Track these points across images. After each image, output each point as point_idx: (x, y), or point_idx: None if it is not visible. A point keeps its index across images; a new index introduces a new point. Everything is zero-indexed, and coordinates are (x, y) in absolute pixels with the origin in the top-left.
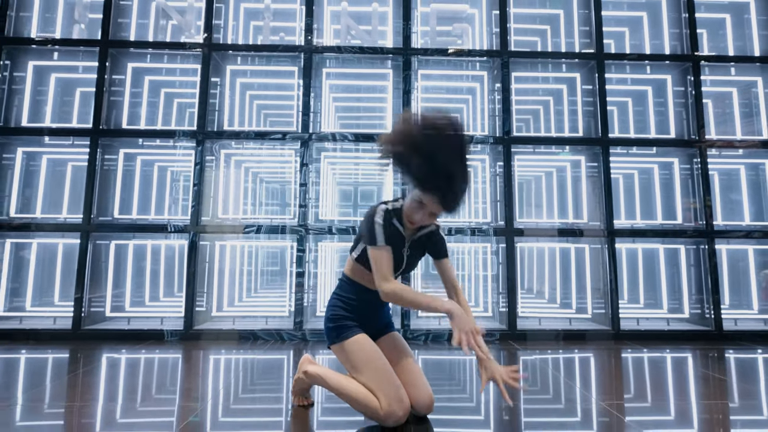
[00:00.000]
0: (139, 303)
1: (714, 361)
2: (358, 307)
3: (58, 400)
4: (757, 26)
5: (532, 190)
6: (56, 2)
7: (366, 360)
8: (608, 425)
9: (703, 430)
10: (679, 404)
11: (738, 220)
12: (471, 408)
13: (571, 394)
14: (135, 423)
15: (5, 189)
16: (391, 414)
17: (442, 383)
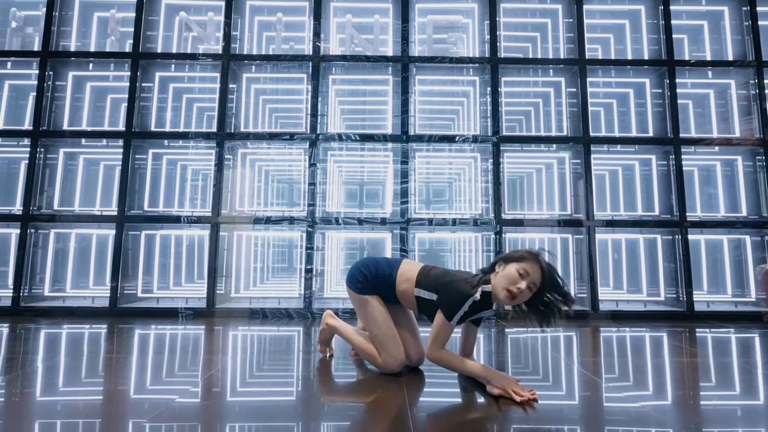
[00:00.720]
0: (165, 287)
1: (683, 335)
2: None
3: (113, 353)
4: (730, 32)
5: (524, 186)
6: (91, 18)
7: (376, 319)
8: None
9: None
10: (653, 365)
11: (715, 211)
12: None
13: (558, 361)
14: (170, 372)
15: (53, 185)
16: (387, 366)
17: None
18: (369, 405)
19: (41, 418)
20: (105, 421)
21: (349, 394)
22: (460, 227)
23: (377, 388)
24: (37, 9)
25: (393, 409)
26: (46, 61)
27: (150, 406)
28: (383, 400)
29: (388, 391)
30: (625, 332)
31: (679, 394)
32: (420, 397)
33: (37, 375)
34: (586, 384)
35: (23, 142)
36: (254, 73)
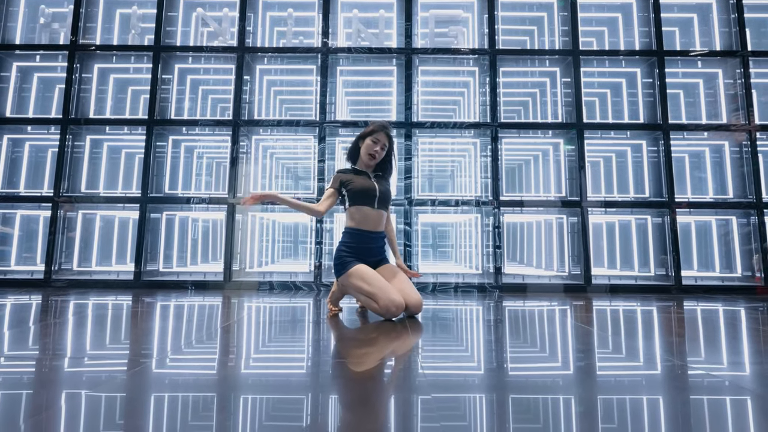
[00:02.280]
0: (183, 263)
1: (671, 307)
2: (356, 248)
3: (144, 317)
4: (718, 24)
5: (522, 171)
6: (114, 14)
7: (363, 277)
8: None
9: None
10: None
11: (704, 194)
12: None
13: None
14: (196, 326)
15: (79, 170)
16: (386, 310)
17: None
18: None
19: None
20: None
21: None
22: (460, 207)
23: (382, 337)
24: (63, 6)
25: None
26: (74, 54)
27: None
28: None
29: (395, 341)
30: (618, 305)
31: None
32: (422, 345)
33: (67, 338)
34: (579, 350)
35: (51, 131)
36: (266, 65)
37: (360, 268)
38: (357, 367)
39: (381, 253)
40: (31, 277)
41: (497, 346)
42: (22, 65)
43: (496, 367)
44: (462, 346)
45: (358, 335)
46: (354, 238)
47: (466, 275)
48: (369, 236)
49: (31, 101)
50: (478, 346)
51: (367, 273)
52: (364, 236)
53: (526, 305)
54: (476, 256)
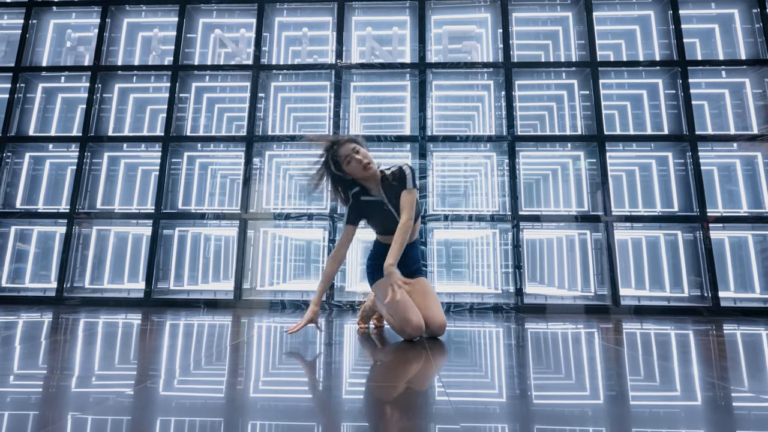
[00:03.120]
0: (195, 280)
1: (709, 331)
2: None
3: (153, 336)
4: (741, 34)
5: (541, 186)
6: (136, 37)
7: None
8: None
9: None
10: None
11: (737, 208)
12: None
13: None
14: (207, 343)
15: (96, 187)
16: (401, 330)
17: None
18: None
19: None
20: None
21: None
22: (476, 222)
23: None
24: (89, 30)
25: (419, 382)
26: (96, 74)
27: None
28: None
29: (413, 362)
30: (649, 327)
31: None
32: (443, 367)
33: (76, 356)
34: (610, 382)
35: (72, 149)
36: (281, 82)
37: (382, 282)
38: (371, 392)
39: (412, 264)
40: (44, 295)
41: (521, 371)
42: (47, 86)
43: (522, 395)
44: (483, 372)
45: (373, 357)
46: (381, 249)
47: (484, 295)
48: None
49: (54, 121)
50: (501, 371)
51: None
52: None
53: (549, 327)
54: (494, 274)
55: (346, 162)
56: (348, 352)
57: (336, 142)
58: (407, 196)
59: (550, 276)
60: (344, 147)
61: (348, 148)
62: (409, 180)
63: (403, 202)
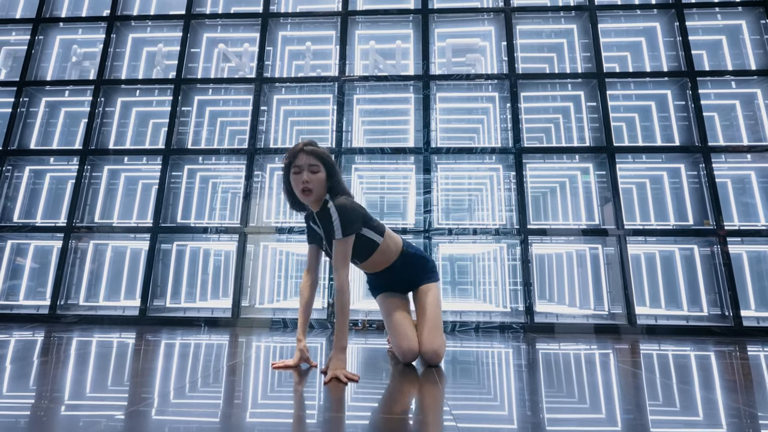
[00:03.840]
0: (192, 298)
1: (732, 353)
2: (375, 280)
3: (147, 356)
4: (750, 45)
5: (548, 199)
6: (141, 53)
7: (384, 315)
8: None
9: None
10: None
11: (754, 221)
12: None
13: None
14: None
15: (95, 201)
16: (398, 357)
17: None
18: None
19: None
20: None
21: None
22: (482, 236)
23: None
24: (94, 46)
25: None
26: (100, 88)
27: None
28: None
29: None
30: (667, 348)
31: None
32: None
33: (66, 378)
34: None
35: (72, 162)
36: (284, 95)
37: (380, 300)
38: (375, 427)
39: (408, 277)
40: (37, 312)
41: (534, 398)
42: (50, 100)
43: (537, 428)
44: (497, 402)
45: (375, 381)
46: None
47: (492, 313)
48: (376, 275)
49: (56, 135)
50: (514, 399)
51: (385, 306)
52: (372, 276)
53: (561, 348)
54: (501, 291)
55: (292, 172)
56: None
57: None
58: (336, 246)
59: (560, 293)
60: (299, 156)
61: (301, 159)
62: (336, 226)
63: (333, 252)
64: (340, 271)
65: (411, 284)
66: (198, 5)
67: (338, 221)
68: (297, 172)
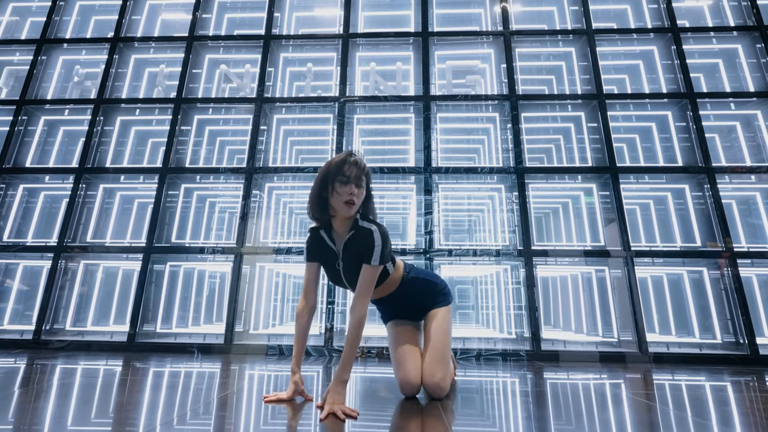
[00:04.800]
0: (184, 323)
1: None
2: (380, 306)
3: (136, 385)
4: (748, 68)
5: (551, 220)
6: (143, 73)
7: (389, 344)
8: None
9: None
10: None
11: (762, 243)
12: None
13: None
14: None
15: (89, 219)
16: (400, 389)
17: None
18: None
19: None
20: None
21: None
22: (484, 258)
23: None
24: (97, 66)
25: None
26: (99, 107)
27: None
28: None
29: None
30: (680, 378)
31: None
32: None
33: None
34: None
35: (68, 180)
36: (284, 114)
37: (388, 328)
38: None
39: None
40: (21, 338)
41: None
42: (49, 119)
43: None
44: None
45: (375, 415)
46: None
47: (495, 340)
48: (380, 302)
49: (53, 153)
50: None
51: (391, 335)
52: (377, 303)
53: (570, 378)
54: (504, 316)
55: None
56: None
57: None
58: (366, 273)
59: (566, 319)
60: (349, 167)
61: (351, 170)
62: (376, 252)
63: (361, 278)
64: (364, 298)
65: (420, 310)
66: (201, 27)
67: (380, 248)
68: (345, 183)
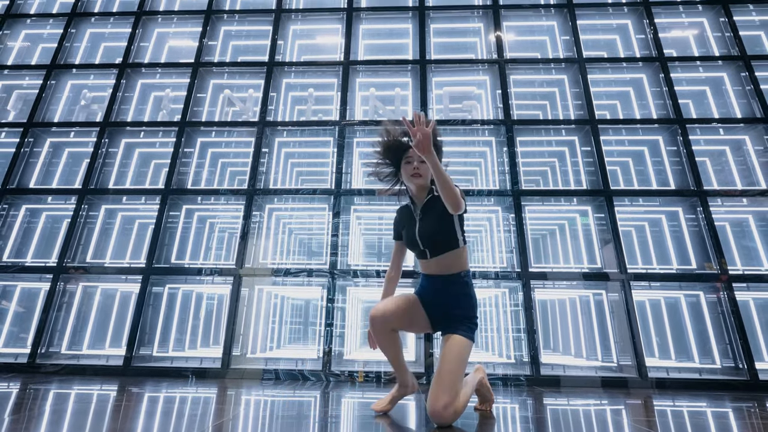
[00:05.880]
0: (181, 347)
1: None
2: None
3: (130, 411)
4: (734, 95)
5: (548, 242)
6: (149, 97)
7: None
8: None
9: None
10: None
11: (757, 265)
12: None
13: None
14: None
15: (89, 240)
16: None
17: None
18: None
19: None
20: None
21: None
22: (482, 281)
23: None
24: (104, 90)
25: None
26: (105, 130)
27: None
28: None
29: None
30: (681, 405)
31: None
32: None
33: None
34: None
35: (70, 201)
36: (285, 137)
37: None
38: None
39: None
40: (15, 361)
41: None
42: (55, 141)
43: None
44: None
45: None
46: (423, 281)
47: (495, 365)
48: (430, 279)
49: (57, 174)
50: None
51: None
52: (424, 278)
53: (570, 403)
54: (504, 340)
55: (405, 162)
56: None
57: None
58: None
59: (566, 342)
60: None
61: (413, 152)
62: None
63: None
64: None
65: (442, 317)
66: (207, 54)
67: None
68: (409, 162)
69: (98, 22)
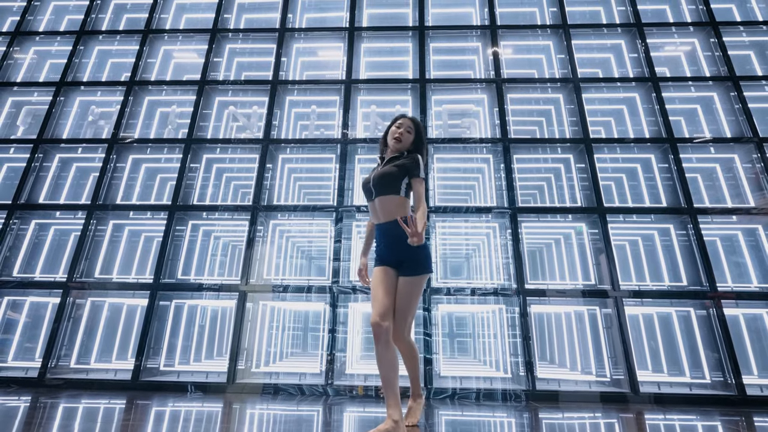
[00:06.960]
0: (188, 358)
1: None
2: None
3: (136, 428)
4: (723, 114)
5: (545, 256)
6: (155, 113)
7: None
8: None
9: None
10: None
11: (746, 281)
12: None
13: None
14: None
15: (97, 254)
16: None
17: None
18: None
19: None
20: None
21: None
22: (481, 297)
23: None
24: (111, 106)
25: None
26: (113, 146)
27: None
28: None
29: None
30: (672, 419)
31: None
32: None
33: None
34: None
35: (78, 216)
36: (289, 154)
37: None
38: None
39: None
40: (26, 375)
41: None
42: (64, 156)
43: None
44: None
45: None
46: (375, 238)
47: (492, 379)
48: (378, 229)
49: (65, 188)
50: None
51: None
52: (376, 230)
53: (565, 418)
54: (501, 354)
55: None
56: None
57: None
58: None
59: (561, 356)
60: (402, 119)
61: (404, 122)
62: (420, 163)
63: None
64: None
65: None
66: (212, 69)
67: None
68: (398, 126)
69: (106, 39)
